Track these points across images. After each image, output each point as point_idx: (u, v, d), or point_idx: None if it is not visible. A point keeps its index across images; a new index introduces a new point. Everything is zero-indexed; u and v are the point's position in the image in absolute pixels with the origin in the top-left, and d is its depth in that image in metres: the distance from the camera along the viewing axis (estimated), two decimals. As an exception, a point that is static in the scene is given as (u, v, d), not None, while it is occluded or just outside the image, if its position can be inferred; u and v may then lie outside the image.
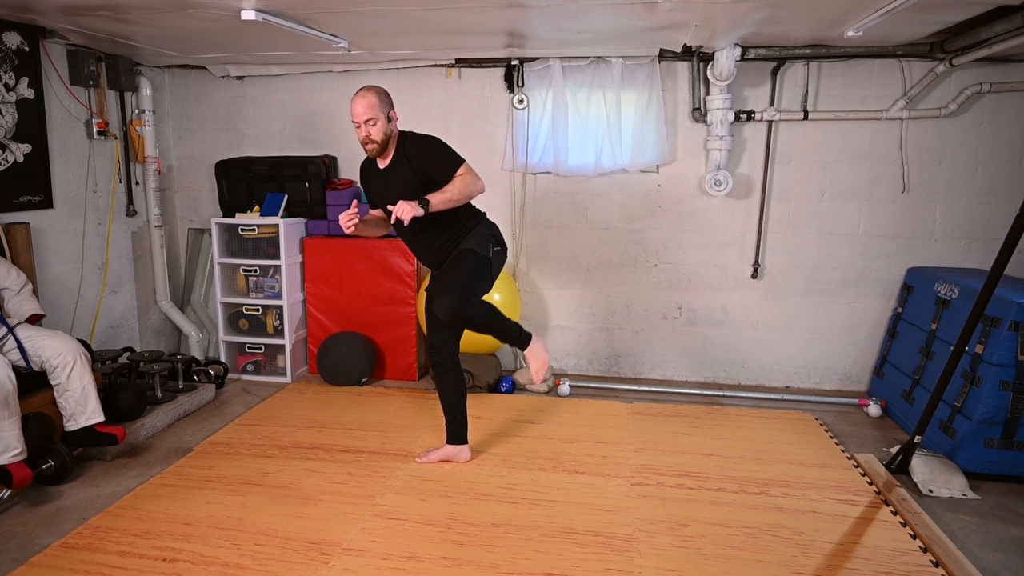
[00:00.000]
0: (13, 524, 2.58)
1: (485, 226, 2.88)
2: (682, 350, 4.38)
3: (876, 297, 4.12)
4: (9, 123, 3.41)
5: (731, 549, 2.44)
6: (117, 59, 4.03)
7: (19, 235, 3.35)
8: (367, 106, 2.65)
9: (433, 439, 3.32)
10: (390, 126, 2.72)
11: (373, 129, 2.68)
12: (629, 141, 4.11)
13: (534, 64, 4.12)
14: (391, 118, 2.72)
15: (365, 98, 2.66)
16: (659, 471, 3.04)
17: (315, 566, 2.31)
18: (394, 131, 2.75)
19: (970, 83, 3.77)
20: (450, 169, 2.67)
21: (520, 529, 2.55)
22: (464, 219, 2.83)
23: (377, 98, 2.68)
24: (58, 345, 2.90)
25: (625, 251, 4.33)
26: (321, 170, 4.29)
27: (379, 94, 2.70)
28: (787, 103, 4.00)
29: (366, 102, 2.66)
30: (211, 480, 2.93)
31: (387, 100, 2.72)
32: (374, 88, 2.72)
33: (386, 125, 2.70)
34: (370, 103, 2.65)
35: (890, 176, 3.99)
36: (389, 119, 2.71)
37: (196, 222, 4.79)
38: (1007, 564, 2.40)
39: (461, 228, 2.83)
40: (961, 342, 2.83)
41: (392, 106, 2.75)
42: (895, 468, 3.06)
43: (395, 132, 2.76)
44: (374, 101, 2.66)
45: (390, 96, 2.76)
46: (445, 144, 2.76)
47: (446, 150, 2.74)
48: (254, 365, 4.37)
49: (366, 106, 2.65)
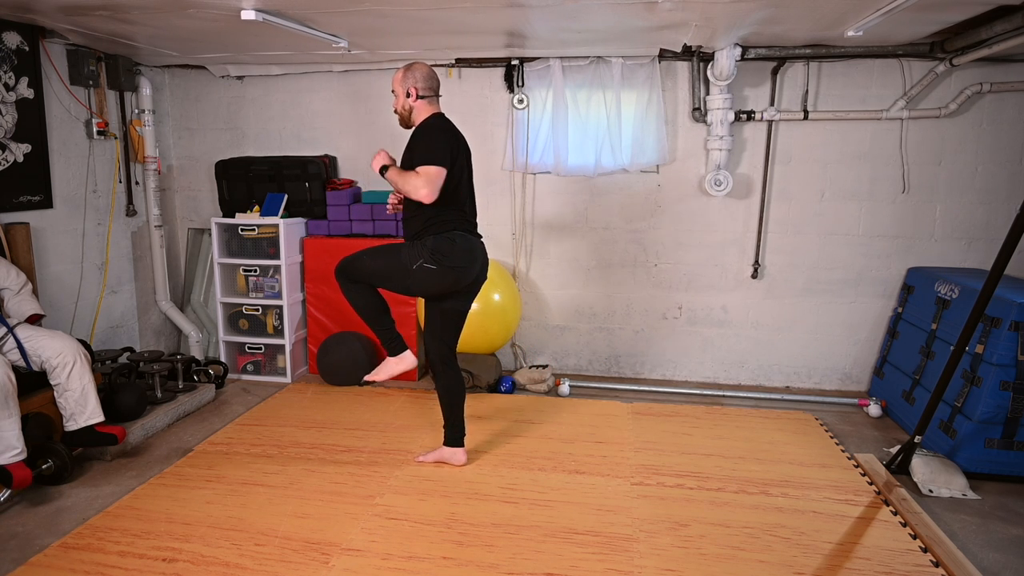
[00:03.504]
0: (13, 524, 2.58)
1: (435, 239, 2.75)
2: (682, 350, 4.38)
3: (876, 297, 4.12)
4: (9, 123, 3.41)
5: (731, 549, 2.44)
6: (117, 59, 4.03)
7: (19, 235, 3.35)
8: (394, 79, 2.84)
9: (433, 439, 3.32)
10: (407, 101, 2.80)
11: (394, 101, 2.86)
12: (629, 141, 4.11)
13: (534, 64, 4.12)
14: (409, 93, 2.79)
15: (397, 72, 2.83)
16: (659, 471, 3.04)
17: (315, 566, 2.31)
18: (411, 106, 2.81)
19: (970, 83, 3.77)
20: (418, 161, 2.68)
21: (520, 529, 2.55)
22: (429, 221, 2.76)
23: (402, 73, 2.81)
24: (58, 345, 2.90)
25: (625, 251, 4.32)
26: (321, 170, 4.29)
27: (407, 70, 2.81)
28: (787, 103, 4.00)
29: (395, 75, 2.84)
30: (211, 480, 2.93)
31: (412, 77, 2.79)
32: (408, 65, 2.84)
33: (404, 100, 2.81)
34: (396, 77, 2.82)
35: (890, 176, 3.99)
36: (408, 94, 2.79)
37: (196, 222, 4.79)
38: (1007, 564, 2.40)
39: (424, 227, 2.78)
40: (961, 342, 2.83)
41: (417, 83, 2.78)
42: (895, 468, 3.06)
43: (413, 107, 2.81)
44: (399, 76, 2.82)
45: (425, 75, 2.80)
46: (436, 141, 2.71)
47: (429, 144, 2.70)
48: (254, 365, 4.37)
49: (394, 79, 2.84)
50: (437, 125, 2.77)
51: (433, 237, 2.75)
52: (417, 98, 2.78)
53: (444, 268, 2.75)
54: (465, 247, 2.79)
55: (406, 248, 2.81)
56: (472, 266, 2.83)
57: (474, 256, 2.83)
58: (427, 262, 2.74)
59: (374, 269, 2.84)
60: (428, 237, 2.76)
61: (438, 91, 2.86)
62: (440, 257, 2.74)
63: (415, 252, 2.76)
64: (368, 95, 4.41)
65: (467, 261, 2.80)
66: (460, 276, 2.80)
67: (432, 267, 2.74)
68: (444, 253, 2.74)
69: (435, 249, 2.74)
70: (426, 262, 2.74)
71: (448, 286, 2.82)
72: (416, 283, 2.80)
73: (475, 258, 2.83)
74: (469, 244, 2.82)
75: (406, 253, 2.79)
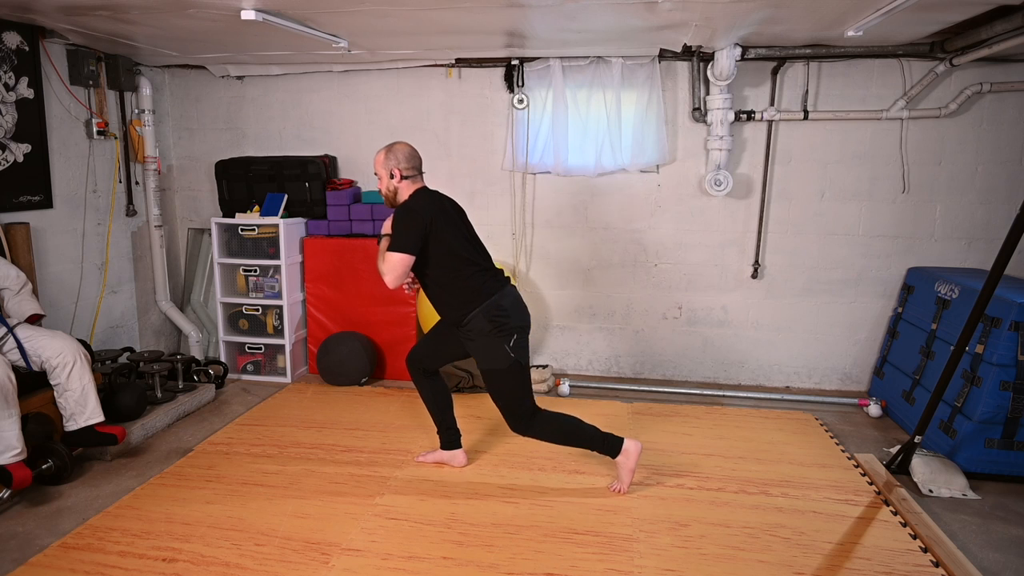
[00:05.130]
0: (13, 524, 2.58)
1: (486, 315, 2.67)
2: (682, 350, 4.38)
3: (876, 297, 4.12)
4: (9, 123, 3.41)
5: (731, 549, 2.44)
6: (117, 59, 4.03)
7: (19, 235, 3.35)
8: (376, 161, 2.80)
9: (433, 439, 3.32)
10: (391, 183, 2.77)
11: (378, 183, 2.82)
12: (629, 141, 4.11)
13: (534, 64, 4.12)
14: (392, 175, 2.75)
15: (379, 153, 2.79)
16: (659, 471, 3.04)
17: (315, 566, 2.31)
18: (395, 187, 2.77)
19: (970, 83, 3.77)
20: (389, 247, 2.65)
21: (520, 529, 2.55)
22: (460, 289, 2.71)
23: (384, 155, 2.77)
24: (58, 345, 2.89)
25: (625, 251, 4.32)
26: (321, 170, 4.29)
27: (387, 152, 2.77)
28: (787, 103, 4.00)
29: (377, 157, 2.79)
30: (211, 480, 2.93)
31: (395, 159, 2.75)
32: (389, 146, 2.79)
33: (388, 182, 2.78)
34: (378, 159, 2.78)
35: (890, 176, 3.99)
36: (391, 175, 2.75)
37: (196, 222, 4.79)
38: (1007, 564, 2.40)
39: (455, 298, 2.72)
40: (961, 342, 2.83)
41: (400, 164, 2.74)
42: (895, 468, 3.06)
43: (397, 188, 2.77)
44: (380, 158, 2.77)
45: (407, 155, 2.76)
46: (406, 227, 2.65)
47: (399, 230, 2.65)
48: (254, 365, 4.37)
49: (376, 161, 2.80)
50: (412, 206, 2.70)
51: (480, 312, 2.67)
52: (401, 179, 2.75)
53: (517, 327, 2.72)
54: (511, 303, 2.74)
55: (485, 358, 2.72)
56: (526, 312, 2.81)
57: (521, 304, 2.80)
58: (505, 337, 2.68)
59: (509, 400, 2.75)
60: (477, 312, 2.67)
61: (421, 168, 2.82)
62: (504, 319, 2.69)
63: (491, 349, 2.69)
64: (368, 95, 4.41)
65: (522, 313, 2.78)
66: (528, 322, 2.80)
67: (511, 334, 2.70)
68: (500, 318, 2.68)
69: (496, 324, 2.68)
70: (505, 338, 2.68)
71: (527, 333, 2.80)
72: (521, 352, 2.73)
73: (523, 304, 2.81)
74: (511, 298, 2.76)
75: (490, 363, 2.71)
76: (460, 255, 2.71)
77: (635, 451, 2.79)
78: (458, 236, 2.74)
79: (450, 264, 2.69)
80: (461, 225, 2.81)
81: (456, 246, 2.71)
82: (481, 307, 2.68)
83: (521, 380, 2.73)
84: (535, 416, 2.77)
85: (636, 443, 2.81)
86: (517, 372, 2.71)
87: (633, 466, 2.80)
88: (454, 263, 2.70)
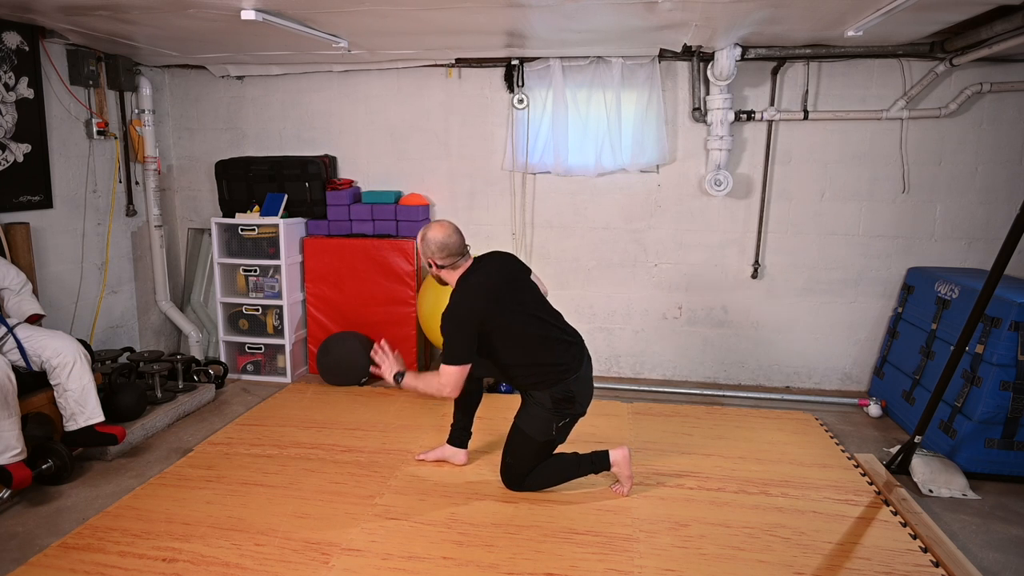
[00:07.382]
0: (13, 524, 2.58)
1: (551, 396, 2.64)
2: (682, 350, 4.38)
3: (876, 297, 4.12)
4: (9, 123, 3.41)
5: (731, 549, 2.44)
6: (117, 59, 4.03)
7: (19, 235, 3.35)
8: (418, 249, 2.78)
9: (433, 439, 3.32)
10: (432, 271, 2.74)
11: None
12: (629, 141, 4.11)
13: (534, 64, 4.12)
14: (430, 264, 2.70)
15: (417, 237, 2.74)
16: (659, 471, 3.04)
17: (315, 566, 2.31)
18: (437, 274, 2.73)
19: (970, 83, 3.77)
20: (442, 358, 2.56)
21: (520, 529, 2.55)
22: (535, 370, 2.65)
23: (420, 243, 2.71)
24: (58, 345, 2.89)
25: (625, 251, 4.32)
26: (321, 170, 4.29)
27: (421, 241, 2.70)
28: (787, 103, 4.00)
29: (418, 244, 2.75)
30: (211, 480, 2.93)
31: (428, 250, 2.65)
32: (422, 234, 2.69)
33: (431, 269, 2.74)
34: (417, 248, 2.76)
35: (890, 176, 3.99)
36: (430, 265, 2.72)
37: (196, 222, 4.79)
38: (1007, 564, 2.40)
39: (529, 373, 2.67)
40: (961, 342, 2.83)
41: (434, 256, 2.65)
42: (895, 468, 3.06)
43: (439, 275, 2.73)
44: (418, 246, 2.76)
45: (440, 244, 2.63)
46: (454, 330, 2.54)
47: (449, 335, 2.55)
48: (254, 365, 4.37)
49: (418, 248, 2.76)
50: (456, 309, 2.56)
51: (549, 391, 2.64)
52: (439, 268, 2.69)
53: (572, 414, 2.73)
54: (580, 389, 2.70)
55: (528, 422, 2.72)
56: (590, 396, 2.79)
57: (589, 388, 2.77)
58: (559, 418, 2.68)
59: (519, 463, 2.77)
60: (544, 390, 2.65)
61: (462, 250, 2.67)
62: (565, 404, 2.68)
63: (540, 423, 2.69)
64: (368, 95, 4.40)
65: (586, 399, 2.76)
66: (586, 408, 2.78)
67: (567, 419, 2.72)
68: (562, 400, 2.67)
69: (555, 408, 2.67)
70: (558, 419, 2.68)
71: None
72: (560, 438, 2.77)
73: (590, 388, 2.78)
74: (582, 383, 2.71)
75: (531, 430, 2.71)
76: (530, 335, 2.62)
77: (623, 458, 2.78)
78: (522, 314, 2.62)
79: (522, 346, 2.62)
80: (524, 294, 2.68)
81: (523, 327, 2.61)
82: (551, 388, 2.65)
83: (544, 454, 2.77)
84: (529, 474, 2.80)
85: (621, 450, 2.79)
86: (546, 446, 2.75)
87: (628, 472, 2.79)
88: (525, 344, 2.62)
